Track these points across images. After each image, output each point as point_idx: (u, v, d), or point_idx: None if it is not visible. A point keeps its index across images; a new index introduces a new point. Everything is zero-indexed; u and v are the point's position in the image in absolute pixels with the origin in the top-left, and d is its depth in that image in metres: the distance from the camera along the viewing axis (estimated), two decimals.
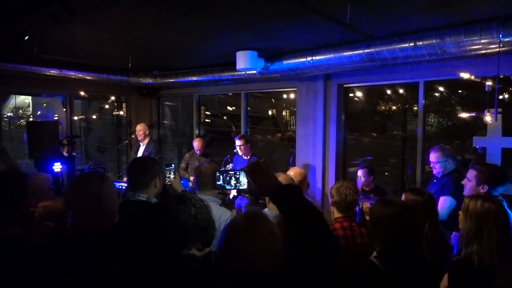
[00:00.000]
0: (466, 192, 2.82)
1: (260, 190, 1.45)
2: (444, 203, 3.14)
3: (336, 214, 2.57)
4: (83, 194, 1.60)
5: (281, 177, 2.61)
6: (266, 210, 2.57)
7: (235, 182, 1.58)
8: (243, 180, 1.57)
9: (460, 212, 2.10)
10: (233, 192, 4.39)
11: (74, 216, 1.64)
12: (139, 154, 6.41)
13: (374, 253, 1.91)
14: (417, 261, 1.87)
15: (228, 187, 1.61)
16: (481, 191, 2.70)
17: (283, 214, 1.39)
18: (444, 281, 1.97)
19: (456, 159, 3.55)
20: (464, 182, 2.85)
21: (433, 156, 3.51)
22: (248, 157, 5.13)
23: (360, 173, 4.56)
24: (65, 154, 5.31)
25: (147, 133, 6.47)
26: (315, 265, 1.35)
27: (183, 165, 6.20)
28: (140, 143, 6.51)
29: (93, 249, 1.53)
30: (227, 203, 4.73)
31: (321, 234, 1.36)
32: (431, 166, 3.59)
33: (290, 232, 1.36)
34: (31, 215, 2.08)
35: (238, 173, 1.58)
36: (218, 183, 1.60)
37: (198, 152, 6.07)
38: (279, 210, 1.40)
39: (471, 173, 2.80)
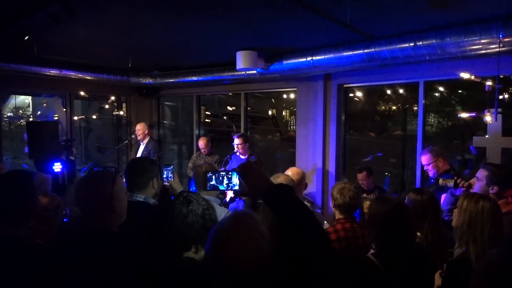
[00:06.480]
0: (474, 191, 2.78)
1: (251, 190, 1.45)
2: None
3: (338, 215, 2.57)
4: (96, 193, 1.60)
5: (281, 178, 2.61)
6: None
7: (227, 182, 1.56)
8: (235, 180, 1.55)
9: (455, 210, 2.11)
10: (230, 194, 4.38)
11: (85, 215, 1.64)
12: (139, 153, 6.41)
13: (372, 250, 1.92)
14: (415, 258, 1.88)
15: (221, 187, 1.58)
16: (491, 191, 2.62)
17: (275, 214, 1.39)
18: (437, 280, 1.97)
19: (446, 158, 3.62)
20: (472, 181, 2.80)
21: (424, 159, 3.61)
22: (246, 156, 5.10)
23: (361, 176, 4.54)
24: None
25: (146, 132, 6.46)
26: (306, 264, 1.35)
27: (190, 164, 6.18)
28: (140, 143, 6.52)
29: (103, 248, 1.54)
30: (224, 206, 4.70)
31: (314, 233, 1.37)
32: (425, 169, 3.66)
33: (280, 229, 1.36)
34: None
35: (230, 173, 1.56)
36: (211, 183, 1.57)
37: (203, 151, 6.02)
38: (271, 210, 1.40)
39: (482, 173, 2.72)
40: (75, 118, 7.14)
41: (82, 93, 6.50)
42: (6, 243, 1.67)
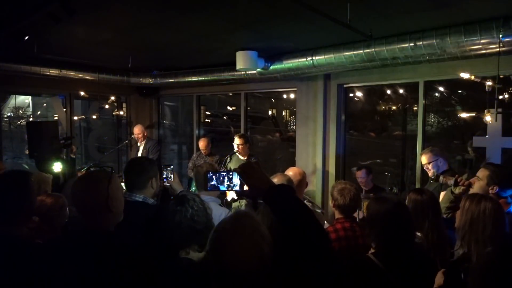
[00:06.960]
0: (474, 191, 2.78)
1: (252, 190, 1.44)
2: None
3: (338, 215, 2.57)
4: (92, 193, 1.58)
5: (279, 177, 2.61)
6: None
7: (228, 182, 1.55)
8: (236, 181, 1.54)
9: (458, 212, 2.11)
10: (230, 195, 4.37)
11: (81, 215, 1.62)
12: (139, 154, 6.42)
13: (372, 250, 1.92)
14: (415, 257, 1.88)
15: (222, 188, 1.57)
16: (490, 192, 2.62)
17: (275, 214, 1.39)
18: (439, 280, 1.97)
19: (446, 158, 3.66)
20: (473, 180, 2.81)
21: (424, 158, 3.65)
22: (246, 157, 5.08)
23: (359, 174, 4.57)
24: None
25: (145, 134, 6.49)
26: (306, 264, 1.35)
27: (190, 164, 6.19)
28: (139, 145, 6.54)
29: (99, 248, 1.53)
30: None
31: (314, 233, 1.36)
32: (425, 169, 3.70)
33: (280, 229, 1.36)
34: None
35: (231, 173, 1.55)
36: (212, 183, 1.56)
37: (204, 151, 6.02)
38: (272, 210, 1.39)
39: (483, 173, 2.71)
40: (75, 118, 7.14)
41: (82, 93, 6.50)
42: (3, 242, 1.67)
